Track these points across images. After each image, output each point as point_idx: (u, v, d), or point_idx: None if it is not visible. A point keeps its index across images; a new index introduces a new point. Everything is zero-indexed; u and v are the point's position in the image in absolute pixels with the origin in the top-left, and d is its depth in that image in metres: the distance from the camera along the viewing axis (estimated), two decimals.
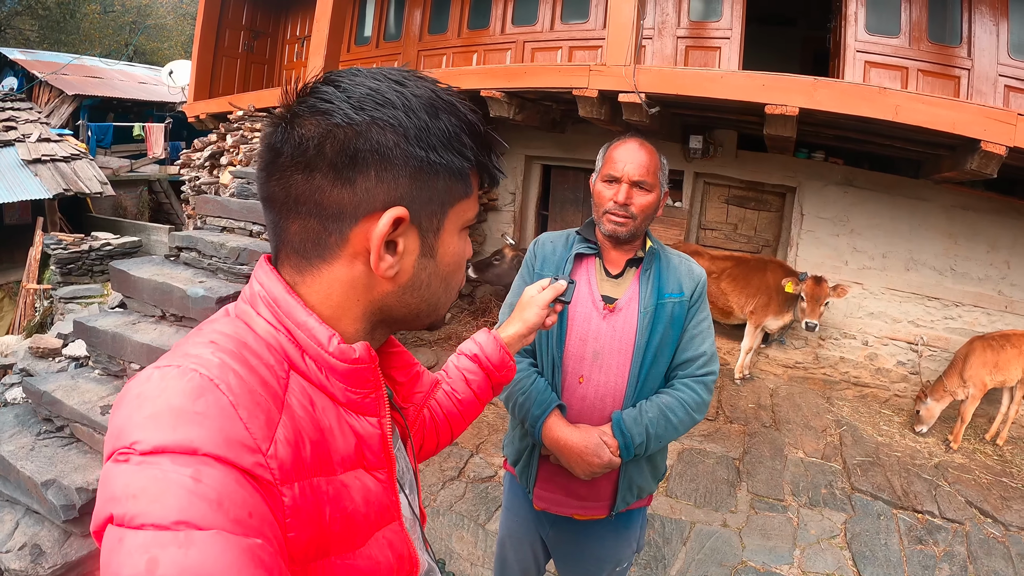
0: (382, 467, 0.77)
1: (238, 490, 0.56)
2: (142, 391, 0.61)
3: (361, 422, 0.74)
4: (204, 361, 0.64)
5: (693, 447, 4.61)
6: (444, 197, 0.76)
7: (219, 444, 0.57)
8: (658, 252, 1.91)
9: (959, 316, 5.53)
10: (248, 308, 0.75)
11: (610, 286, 1.89)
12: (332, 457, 0.69)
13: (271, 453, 0.61)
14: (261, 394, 0.64)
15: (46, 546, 3.36)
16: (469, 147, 0.76)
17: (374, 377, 0.75)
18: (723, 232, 6.70)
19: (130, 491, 0.54)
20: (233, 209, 4.62)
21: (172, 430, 0.57)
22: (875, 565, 3.48)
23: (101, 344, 3.93)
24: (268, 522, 0.58)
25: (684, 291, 1.87)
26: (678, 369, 1.89)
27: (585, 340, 1.86)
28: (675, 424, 1.80)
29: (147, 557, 0.50)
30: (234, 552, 0.52)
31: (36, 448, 3.69)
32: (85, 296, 7.47)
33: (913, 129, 3.92)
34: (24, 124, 11.06)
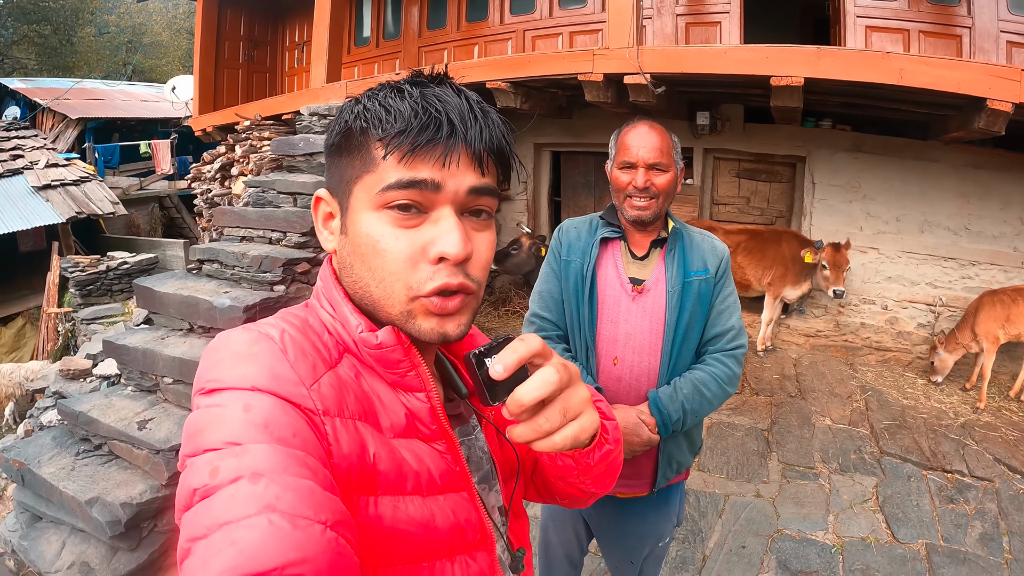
0: (439, 439, 0.79)
1: (283, 415, 0.64)
2: (214, 346, 0.73)
3: (410, 398, 0.78)
4: (266, 325, 0.75)
5: (722, 421, 4.66)
6: (346, 174, 0.77)
7: (267, 378, 0.67)
8: (681, 232, 1.95)
9: (976, 275, 5.52)
10: (314, 300, 0.85)
11: (636, 268, 1.92)
12: (380, 421, 0.75)
13: (313, 388, 0.69)
14: (311, 351, 0.74)
15: (94, 563, 3.43)
16: (357, 122, 0.76)
17: (406, 357, 0.77)
18: (736, 206, 6.70)
19: (196, 429, 0.64)
20: (251, 218, 4.67)
21: (230, 369, 0.68)
22: (908, 526, 3.53)
23: (132, 361, 3.99)
24: (312, 442, 0.64)
25: (709, 268, 1.90)
26: (708, 344, 1.93)
27: (616, 322, 1.90)
28: (709, 398, 1.84)
29: (210, 468, 0.58)
30: (280, 456, 0.59)
31: (76, 468, 3.75)
32: (107, 316, 7.55)
33: (919, 92, 3.91)
34: (31, 151, 11.11)
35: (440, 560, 0.76)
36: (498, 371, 0.65)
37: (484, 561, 0.82)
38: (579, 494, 0.99)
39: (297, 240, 4.47)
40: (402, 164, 0.72)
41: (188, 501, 0.58)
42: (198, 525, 0.55)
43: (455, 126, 0.73)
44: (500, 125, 0.79)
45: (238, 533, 0.52)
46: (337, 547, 0.56)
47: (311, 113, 5.61)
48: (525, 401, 0.64)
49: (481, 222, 0.79)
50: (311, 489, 0.58)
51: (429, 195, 0.73)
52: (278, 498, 0.55)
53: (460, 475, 0.81)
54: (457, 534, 0.78)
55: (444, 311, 0.75)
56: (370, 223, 0.75)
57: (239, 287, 4.19)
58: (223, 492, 0.56)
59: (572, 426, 0.68)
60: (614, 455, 0.89)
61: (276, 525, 0.53)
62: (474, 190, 0.75)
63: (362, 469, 0.69)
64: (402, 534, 0.71)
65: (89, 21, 21.75)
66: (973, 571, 3.16)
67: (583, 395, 0.71)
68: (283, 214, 4.62)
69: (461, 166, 0.74)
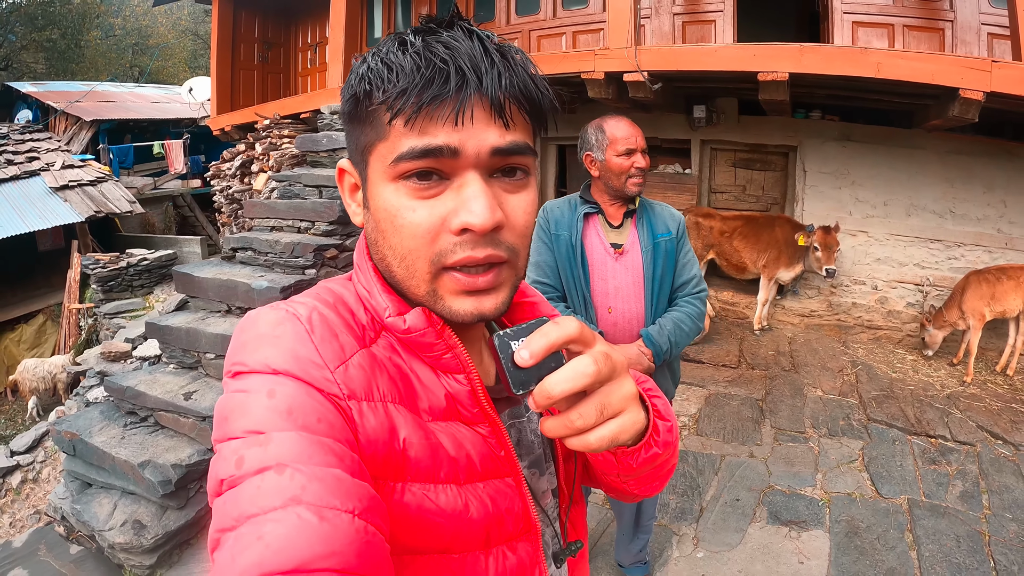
0: (482, 423, 0.75)
1: (307, 400, 0.62)
2: (242, 326, 0.71)
3: (449, 380, 0.73)
4: (296, 304, 0.72)
5: (719, 392, 4.97)
6: (363, 145, 0.71)
7: (289, 361, 0.64)
8: (645, 203, 2.43)
9: (962, 256, 5.78)
10: (353, 274, 0.81)
11: (615, 235, 2.39)
12: (418, 403, 0.71)
13: (338, 371, 0.66)
14: (342, 330, 0.70)
15: (145, 520, 3.72)
16: (361, 85, 0.69)
17: (438, 339, 0.71)
18: (732, 194, 6.99)
19: (223, 415, 0.63)
20: (280, 209, 5.00)
21: (255, 352, 0.66)
22: (891, 483, 3.78)
23: (175, 340, 4.31)
24: (338, 427, 0.62)
25: (671, 230, 2.39)
26: (678, 291, 2.43)
27: (605, 279, 2.36)
28: (687, 331, 2.34)
29: (235, 457, 0.57)
30: (305, 443, 0.58)
31: (126, 437, 4.07)
32: (128, 311, 7.75)
33: (896, 83, 4.21)
34: (46, 153, 11.24)
35: (472, 552, 0.72)
36: (523, 357, 0.59)
37: (525, 552, 0.78)
38: (623, 490, 0.90)
39: (325, 228, 4.80)
40: (411, 128, 0.65)
41: (217, 489, 0.58)
42: (226, 516, 0.54)
43: (465, 75, 0.64)
44: (523, 65, 0.70)
45: (265, 528, 0.52)
46: (366, 535, 0.55)
47: (332, 112, 5.91)
48: (553, 393, 0.57)
49: (515, 182, 0.70)
50: (338, 477, 0.57)
51: (447, 161, 0.66)
52: (304, 489, 0.54)
53: (505, 460, 0.76)
54: (494, 525, 0.74)
55: (474, 287, 0.68)
56: (387, 196, 0.69)
57: (273, 271, 4.52)
58: (249, 483, 0.55)
59: (610, 425, 0.61)
60: (662, 459, 0.78)
61: (303, 518, 0.52)
62: (499, 151, 0.67)
63: (389, 454, 0.66)
64: (430, 524, 0.68)
65: (95, 25, 21.80)
66: (952, 524, 3.39)
67: (626, 391, 0.63)
68: (311, 205, 4.94)
69: (479, 122, 0.65)
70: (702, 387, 5.06)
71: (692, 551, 3.31)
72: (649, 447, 0.74)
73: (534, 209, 0.73)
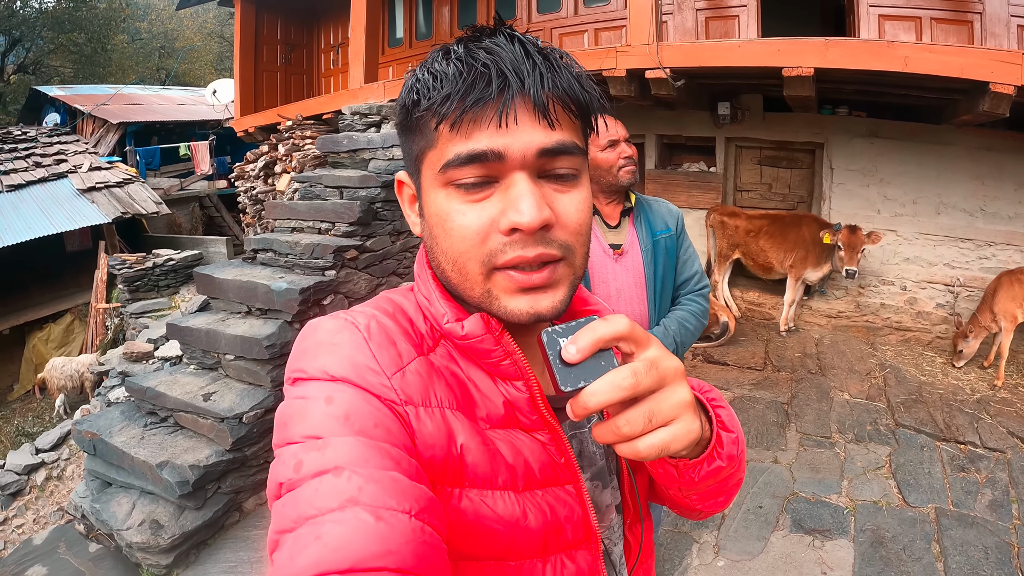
0: (541, 430, 0.75)
1: (364, 406, 0.64)
2: (303, 334, 0.74)
3: (508, 387, 0.74)
4: (355, 313, 0.75)
5: (744, 395, 4.89)
6: (415, 154, 0.73)
7: (346, 368, 0.66)
8: (641, 201, 2.37)
9: (992, 255, 5.64)
10: (416, 282, 0.82)
11: (612, 235, 2.31)
12: (475, 411, 0.72)
13: (395, 378, 0.67)
14: (399, 338, 0.72)
15: (163, 520, 3.73)
16: (409, 96, 0.71)
17: (496, 346, 0.72)
18: (758, 192, 6.89)
19: (283, 420, 0.65)
20: (301, 211, 5.01)
21: (314, 359, 0.68)
22: (919, 491, 3.69)
23: (195, 341, 4.34)
24: (395, 432, 0.63)
25: (670, 227, 2.33)
26: (680, 289, 2.37)
27: (607, 281, 2.27)
28: (691, 331, 2.28)
29: (294, 461, 0.59)
30: (362, 448, 0.59)
31: (145, 437, 4.09)
32: (154, 310, 7.83)
33: (924, 78, 4.10)
34: (74, 156, 11.44)
35: (529, 559, 0.72)
36: (570, 352, 0.58)
37: (585, 561, 0.77)
38: (687, 506, 0.87)
39: (345, 229, 4.79)
40: (456, 134, 0.66)
41: (276, 492, 0.59)
42: (285, 518, 0.56)
43: (507, 77, 0.65)
44: (568, 66, 0.70)
45: (323, 528, 0.53)
46: (423, 535, 0.55)
47: (352, 112, 5.91)
48: (589, 405, 0.57)
49: (565, 184, 0.71)
50: (394, 479, 0.58)
51: (494, 165, 0.67)
52: (361, 490, 0.55)
53: (565, 468, 0.76)
54: (553, 533, 0.73)
55: (529, 284, 0.68)
56: (439, 201, 0.70)
57: (293, 273, 4.53)
58: (307, 486, 0.56)
59: (660, 433, 0.59)
60: (727, 472, 0.76)
61: (360, 518, 0.53)
62: (545, 152, 0.67)
63: (447, 460, 0.67)
64: (486, 530, 0.68)
65: (122, 28, 22.05)
66: (981, 534, 3.30)
67: (678, 399, 0.60)
68: (331, 206, 4.93)
69: (523, 123, 0.66)
70: (726, 390, 4.98)
71: (712, 559, 3.25)
72: (712, 459, 0.73)
73: (588, 207, 0.73)
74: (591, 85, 0.72)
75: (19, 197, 9.88)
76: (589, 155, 2.11)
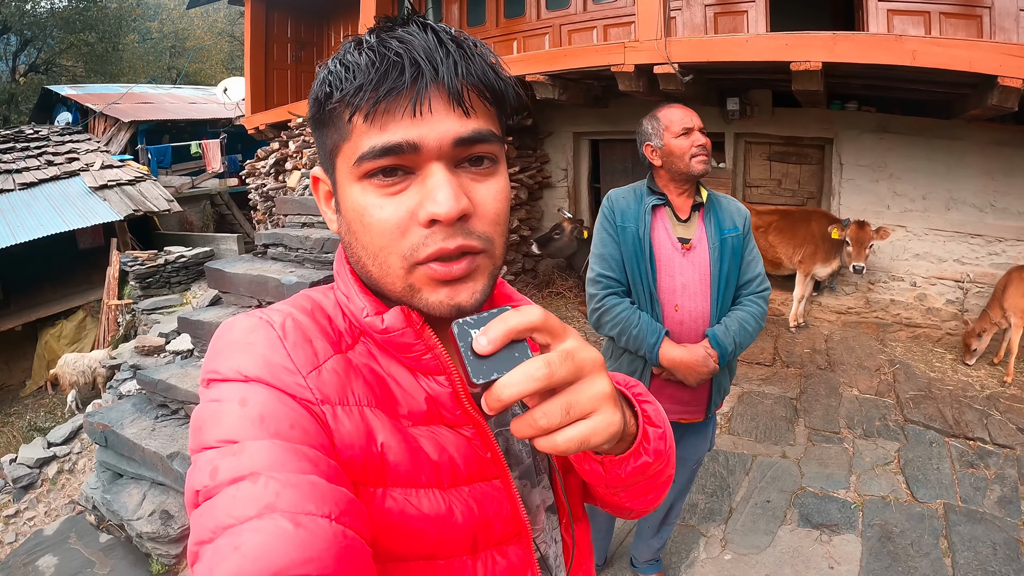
0: (465, 425, 0.74)
1: (279, 407, 0.62)
2: (218, 334, 0.72)
3: (430, 382, 0.73)
4: (271, 311, 0.73)
5: (752, 390, 4.89)
6: (329, 148, 0.72)
7: (261, 368, 0.65)
8: (712, 196, 2.35)
9: (1003, 251, 5.60)
10: (335, 280, 0.81)
11: (682, 229, 2.31)
12: (397, 408, 0.71)
13: (311, 376, 0.66)
14: (316, 336, 0.70)
15: (173, 510, 3.78)
16: (322, 88, 0.69)
17: (417, 340, 0.71)
18: (768, 188, 6.87)
19: (197, 425, 0.63)
20: (311, 206, 5.06)
21: (227, 359, 0.66)
22: (927, 487, 3.67)
23: (206, 334, 4.39)
24: (312, 433, 0.62)
25: (738, 227, 2.31)
26: (742, 289, 2.34)
27: (672, 275, 2.29)
28: (750, 332, 2.28)
29: (210, 468, 0.57)
30: (278, 451, 0.57)
31: (156, 429, 4.14)
32: (166, 307, 7.85)
33: (932, 71, 4.08)
34: (86, 154, 11.52)
35: (459, 557, 0.71)
36: (481, 344, 0.56)
37: (516, 556, 0.76)
38: (616, 503, 0.86)
39: None
40: (371, 125, 0.65)
41: (194, 500, 0.57)
42: (203, 528, 0.54)
43: (420, 66, 0.64)
44: (481, 54, 0.69)
45: (241, 538, 0.51)
46: (345, 540, 0.54)
47: None
48: (502, 397, 0.55)
49: (483, 171, 0.70)
50: (312, 483, 0.56)
51: (410, 157, 0.66)
52: (278, 496, 0.54)
53: (491, 463, 0.75)
54: (481, 529, 0.72)
55: (450, 276, 0.67)
56: (355, 196, 0.69)
57: (303, 267, 4.58)
58: (224, 494, 0.55)
59: (579, 426, 0.57)
60: (655, 469, 0.75)
61: (279, 526, 0.52)
62: (461, 140, 0.66)
63: (367, 459, 0.66)
64: (413, 530, 0.67)
65: (132, 28, 22.26)
66: (989, 530, 3.29)
67: (597, 391, 0.58)
68: None
69: (438, 112, 0.65)
70: (735, 385, 4.96)
71: (719, 553, 3.25)
72: (638, 455, 0.72)
73: (506, 196, 0.72)
74: (505, 73, 0.71)
75: (32, 195, 9.96)
76: (663, 143, 2.09)
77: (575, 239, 6.29)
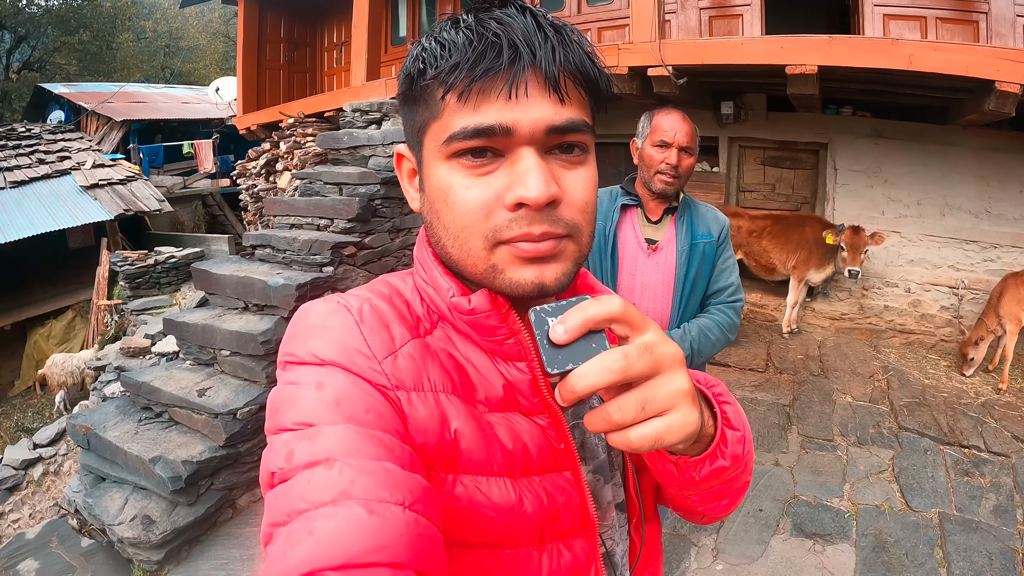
0: (541, 413, 0.73)
1: (355, 391, 0.62)
2: (296, 318, 0.72)
3: (509, 368, 0.72)
4: (349, 296, 0.73)
5: (745, 396, 4.85)
6: (418, 126, 0.71)
7: (337, 352, 0.65)
8: (689, 202, 2.29)
9: (998, 257, 5.59)
10: (415, 265, 0.80)
11: (651, 230, 2.26)
12: (474, 393, 0.71)
13: (386, 362, 0.66)
14: (394, 321, 0.71)
15: (155, 516, 3.70)
16: (415, 65, 0.68)
17: (502, 323, 0.70)
18: (762, 193, 6.84)
19: (274, 407, 0.64)
20: (300, 207, 4.99)
21: (304, 343, 0.67)
22: (922, 496, 3.65)
23: (191, 336, 4.31)
24: (387, 418, 0.62)
25: (712, 233, 2.24)
26: (711, 298, 2.28)
27: (634, 274, 2.24)
28: (712, 341, 2.18)
29: (286, 451, 0.58)
30: (354, 437, 0.58)
31: (139, 432, 4.07)
32: (155, 307, 7.82)
33: (929, 76, 4.06)
34: (77, 153, 11.43)
35: (526, 548, 0.70)
36: (558, 333, 0.55)
37: (582, 549, 0.75)
38: (689, 507, 0.83)
39: (344, 226, 4.77)
40: (464, 104, 0.64)
41: (269, 481, 0.58)
42: (278, 511, 0.55)
43: (518, 48, 0.63)
44: (578, 41, 0.68)
45: (315, 523, 0.52)
46: (418, 528, 0.54)
47: (353, 109, 5.89)
48: (576, 388, 0.53)
49: (573, 159, 0.69)
50: (387, 469, 0.56)
51: (501, 140, 0.64)
52: (353, 482, 0.54)
53: (564, 453, 0.74)
54: (549, 520, 0.71)
55: (537, 253, 0.66)
56: (441, 174, 0.68)
57: (290, 269, 4.51)
58: (299, 478, 0.55)
59: (654, 423, 0.55)
60: (731, 473, 0.72)
61: (353, 512, 0.52)
62: (555, 129, 0.65)
63: (440, 446, 0.66)
64: (481, 518, 0.67)
65: (127, 27, 22.15)
66: (985, 539, 3.26)
67: (675, 387, 0.56)
68: (330, 202, 4.92)
69: (533, 96, 0.64)
70: (728, 387, 4.93)
71: (711, 563, 3.21)
72: (715, 458, 0.69)
73: (594, 185, 0.71)
74: (602, 62, 0.70)
75: (22, 193, 9.88)
76: (641, 146, 1.99)
77: None
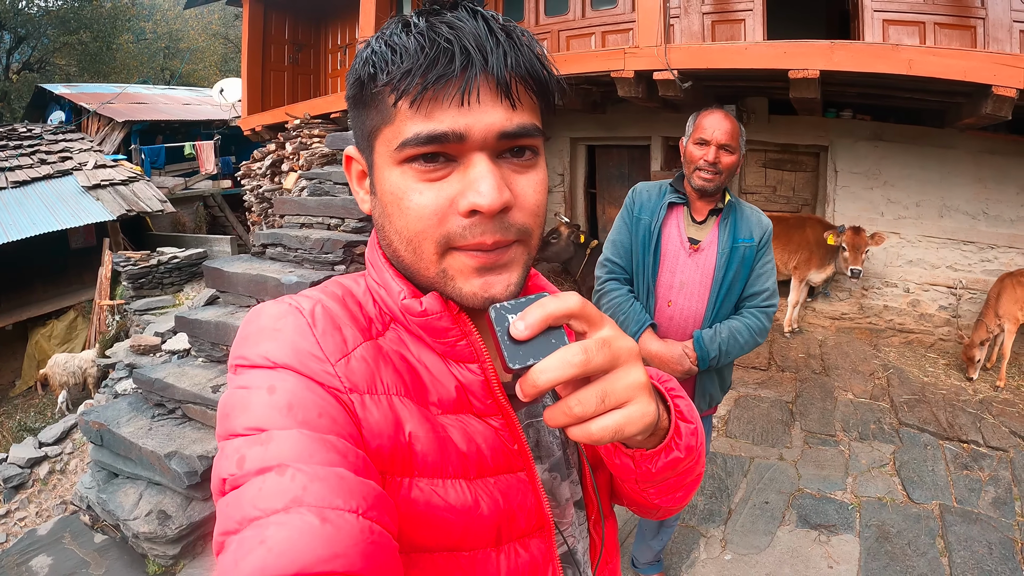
0: (494, 415, 0.73)
1: (307, 395, 0.61)
2: (247, 319, 0.71)
3: (462, 370, 0.72)
4: (301, 297, 0.72)
5: (748, 394, 4.93)
6: (368, 130, 0.70)
7: (289, 355, 0.64)
8: (735, 204, 2.34)
9: (995, 258, 5.65)
10: (366, 267, 0.81)
11: (695, 230, 2.33)
12: (426, 396, 0.70)
13: (339, 364, 0.65)
14: (346, 323, 0.70)
15: (171, 511, 3.75)
16: (365, 68, 0.67)
17: (454, 325, 0.70)
18: (763, 195, 6.90)
19: (225, 411, 0.63)
20: (310, 207, 5.06)
21: (255, 345, 0.66)
22: (923, 488, 3.72)
23: (204, 334, 4.37)
24: (340, 422, 0.61)
25: (754, 238, 2.29)
26: (746, 301, 2.33)
27: (674, 272, 2.31)
28: (741, 344, 2.24)
29: (237, 456, 0.57)
30: (306, 442, 0.57)
31: (153, 428, 4.12)
32: (158, 307, 7.82)
33: (928, 80, 4.15)
34: (79, 153, 11.40)
35: (483, 550, 0.71)
36: (519, 329, 0.56)
37: (538, 549, 0.75)
38: (644, 502, 0.85)
39: (354, 225, 4.84)
40: (416, 111, 0.64)
41: (220, 488, 0.58)
42: (229, 519, 0.54)
43: (470, 54, 0.62)
44: (528, 44, 0.68)
45: (267, 531, 0.51)
46: (372, 535, 0.54)
47: None
48: (538, 382, 0.54)
49: (524, 162, 0.69)
50: (340, 476, 0.56)
51: (454, 146, 0.64)
52: (305, 489, 0.53)
53: (518, 454, 0.74)
54: (506, 521, 0.72)
55: (489, 263, 0.67)
56: (394, 179, 0.67)
57: (302, 267, 4.58)
58: (251, 484, 0.55)
59: (614, 415, 0.56)
60: (686, 465, 0.74)
61: (305, 520, 0.51)
62: (506, 134, 0.65)
63: (395, 449, 0.65)
64: (439, 520, 0.67)
65: (127, 28, 22.07)
66: (985, 530, 3.33)
67: (633, 380, 0.57)
68: (340, 202, 4.99)
69: (485, 102, 0.64)
70: (731, 389, 4.97)
71: (720, 553, 3.28)
72: (670, 450, 0.70)
73: (545, 188, 0.71)
74: (552, 66, 0.71)
75: (24, 194, 9.86)
76: (686, 144, 2.10)
77: (571, 244, 6.30)
